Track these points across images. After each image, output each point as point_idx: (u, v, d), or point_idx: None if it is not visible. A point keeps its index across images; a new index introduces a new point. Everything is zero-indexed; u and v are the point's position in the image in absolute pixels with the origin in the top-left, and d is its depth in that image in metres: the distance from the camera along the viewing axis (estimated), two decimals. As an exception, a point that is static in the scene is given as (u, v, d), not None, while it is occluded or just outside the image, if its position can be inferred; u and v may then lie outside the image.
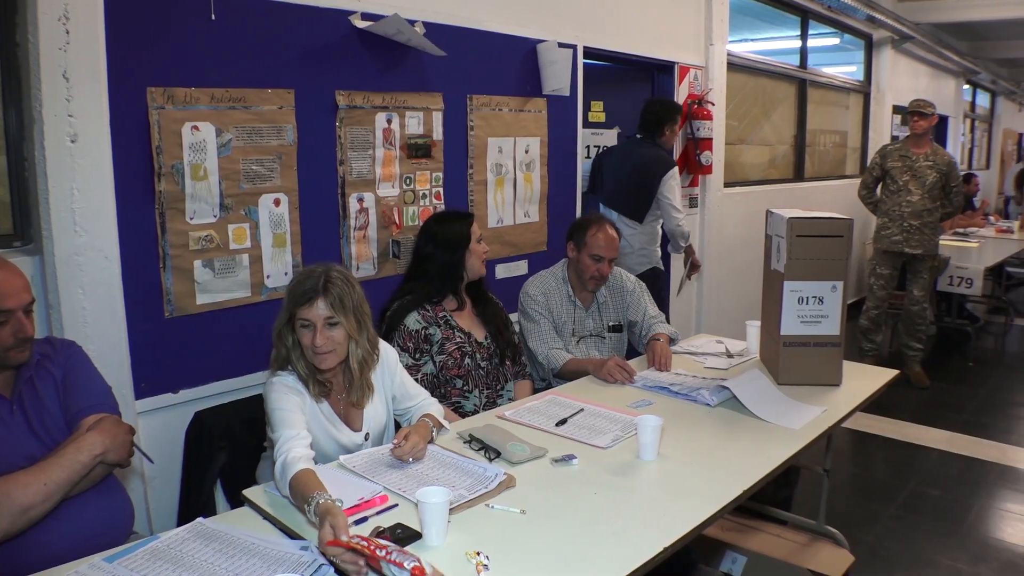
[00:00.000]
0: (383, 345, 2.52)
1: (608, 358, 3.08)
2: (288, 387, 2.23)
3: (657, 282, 4.58)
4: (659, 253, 4.69)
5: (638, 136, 4.68)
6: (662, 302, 4.55)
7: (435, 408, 2.54)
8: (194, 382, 2.81)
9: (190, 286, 2.76)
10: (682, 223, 4.59)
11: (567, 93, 4.17)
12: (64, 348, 2.14)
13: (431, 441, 2.34)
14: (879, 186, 5.97)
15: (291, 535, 1.83)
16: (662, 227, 4.67)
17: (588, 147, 4.83)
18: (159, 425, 2.72)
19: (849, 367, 3.04)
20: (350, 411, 2.38)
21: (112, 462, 1.97)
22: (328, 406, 2.32)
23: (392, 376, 2.49)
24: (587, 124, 4.79)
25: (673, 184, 4.51)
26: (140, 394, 2.67)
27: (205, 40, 2.73)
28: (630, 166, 4.57)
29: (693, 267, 4.99)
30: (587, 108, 4.78)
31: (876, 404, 3.06)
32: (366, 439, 2.39)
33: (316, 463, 2.05)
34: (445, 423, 2.48)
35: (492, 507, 1.94)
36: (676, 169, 4.58)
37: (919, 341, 5.94)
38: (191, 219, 2.74)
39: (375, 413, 2.42)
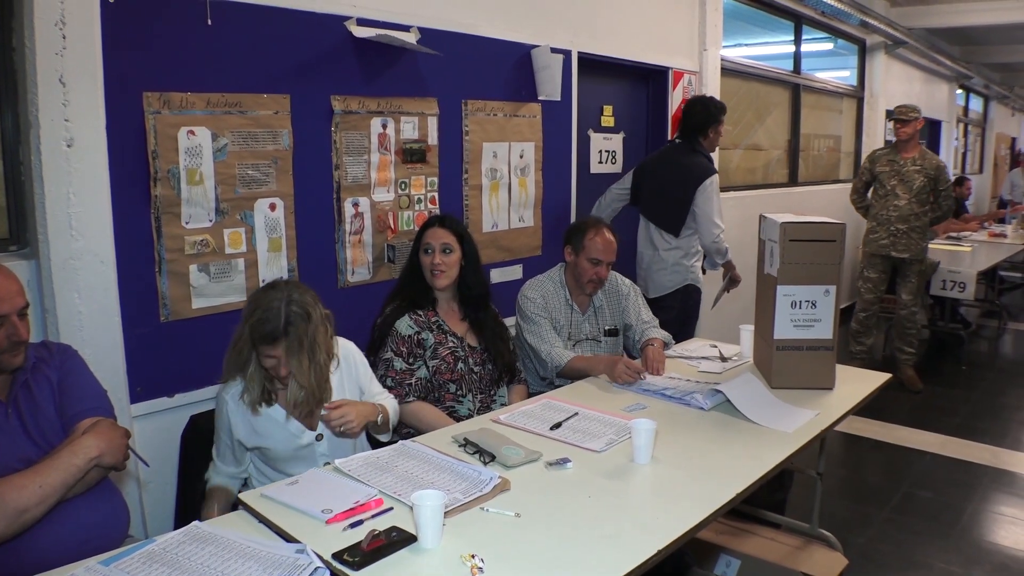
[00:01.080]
0: (346, 344, 2.58)
1: (616, 356, 3.09)
2: (230, 410, 2.39)
3: (690, 299, 4.35)
4: (697, 268, 4.38)
5: (677, 141, 4.44)
6: (688, 320, 4.36)
7: (389, 403, 2.62)
8: (189, 386, 2.82)
9: (186, 290, 2.77)
10: (720, 238, 4.19)
11: (561, 98, 4.19)
12: (60, 352, 2.15)
13: (374, 425, 2.48)
14: (869, 190, 6.01)
15: (287, 538, 1.83)
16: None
17: (600, 152, 4.82)
18: (155, 429, 2.73)
19: (842, 371, 3.06)
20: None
21: (108, 465, 1.97)
22: (279, 407, 2.39)
23: (356, 373, 2.57)
24: (599, 128, 4.81)
25: (711, 194, 4.15)
26: (135, 398, 2.68)
27: (201, 45, 2.74)
28: (667, 174, 4.27)
29: (732, 282, 4.51)
30: (599, 112, 4.81)
31: (869, 407, 3.07)
32: (318, 440, 2.42)
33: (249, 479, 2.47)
34: (392, 419, 2.60)
35: (487, 510, 1.95)
36: (716, 177, 4.21)
37: (910, 345, 5.97)
38: (187, 223, 2.75)
39: None
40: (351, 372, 2.55)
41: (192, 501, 2.49)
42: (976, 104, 14.99)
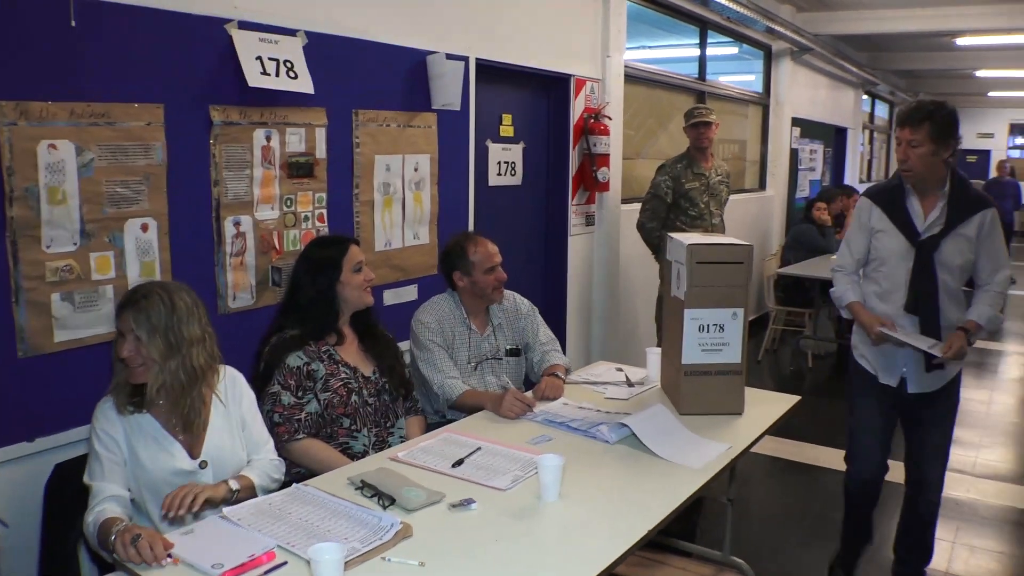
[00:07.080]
0: (232, 372, 2.59)
1: (503, 392, 3.15)
2: (108, 420, 2.32)
3: None
4: None
5: None
6: None
7: (255, 470, 2.49)
8: (53, 429, 2.73)
9: (47, 322, 2.69)
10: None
11: (458, 107, 4.25)
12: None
13: (223, 502, 2.29)
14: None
15: (170, 599, 1.82)
16: None
17: (500, 163, 4.91)
18: (13, 480, 2.63)
19: (752, 393, 3.21)
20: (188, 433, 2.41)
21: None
22: (153, 419, 2.35)
23: (240, 404, 2.56)
24: (498, 139, 4.90)
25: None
26: (-11, 444, 2.59)
27: (64, 49, 2.68)
28: None
29: None
30: (498, 122, 4.90)
31: (781, 426, 3.21)
32: (202, 467, 2.39)
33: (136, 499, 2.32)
34: (267, 484, 2.47)
35: (389, 560, 1.98)
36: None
37: None
38: (48, 248, 2.68)
39: (218, 443, 2.44)
40: (236, 401, 2.54)
41: (59, 562, 2.41)
42: (882, 110, 15.86)
